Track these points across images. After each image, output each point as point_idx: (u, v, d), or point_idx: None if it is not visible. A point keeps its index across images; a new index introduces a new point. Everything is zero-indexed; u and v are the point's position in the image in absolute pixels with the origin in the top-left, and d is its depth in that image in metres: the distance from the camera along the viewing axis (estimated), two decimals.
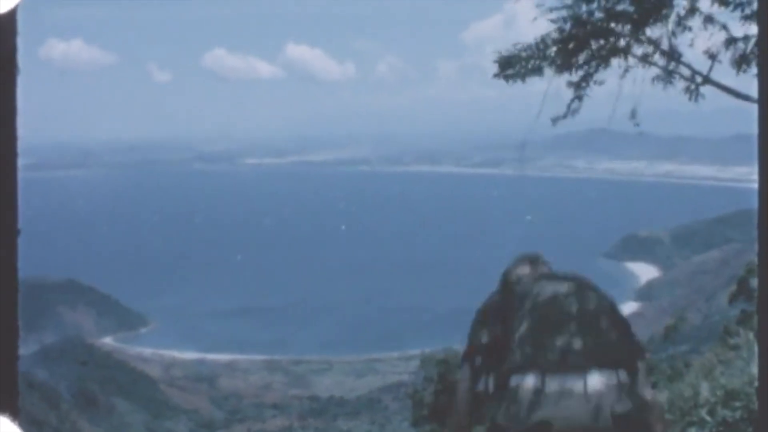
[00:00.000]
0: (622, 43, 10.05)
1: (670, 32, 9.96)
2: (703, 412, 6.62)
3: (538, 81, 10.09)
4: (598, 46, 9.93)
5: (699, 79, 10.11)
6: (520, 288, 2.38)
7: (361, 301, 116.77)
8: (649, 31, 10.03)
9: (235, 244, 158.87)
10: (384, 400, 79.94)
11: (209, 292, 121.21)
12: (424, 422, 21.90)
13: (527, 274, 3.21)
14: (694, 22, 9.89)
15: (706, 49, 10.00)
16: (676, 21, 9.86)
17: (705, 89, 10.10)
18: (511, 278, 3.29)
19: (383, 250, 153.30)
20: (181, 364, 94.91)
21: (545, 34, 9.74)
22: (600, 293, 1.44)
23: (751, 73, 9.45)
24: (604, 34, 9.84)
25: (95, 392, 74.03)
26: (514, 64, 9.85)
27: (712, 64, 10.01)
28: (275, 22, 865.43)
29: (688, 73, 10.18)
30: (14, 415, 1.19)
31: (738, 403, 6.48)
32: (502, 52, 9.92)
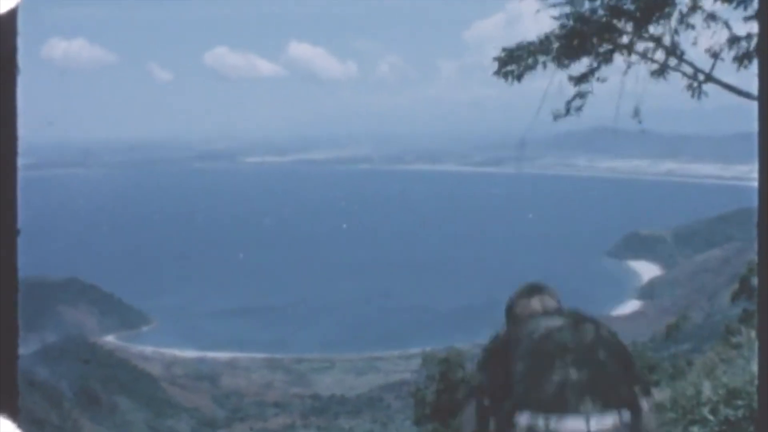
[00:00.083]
0: (625, 40, 10.03)
1: (673, 30, 9.94)
2: (706, 411, 6.60)
3: (540, 80, 10.08)
4: (600, 43, 9.92)
5: (701, 77, 10.08)
6: (522, 324, 2.29)
7: (362, 300, 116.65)
8: (652, 29, 10.00)
9: (236, 243, 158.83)
10: (386, 399, 79.94)
11: (210, 291, 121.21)
12: (426, 421, 21.89)
13: (530, 308, 3.10)
14: (697, 20, 9.86)
15: (709, 47, 9.96)
16: (679, 18, 9.83)
17: (707, 87, 10.07)
18: (513, 312, 3.17)
19: (384, 249, 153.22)
20: (183, 363, 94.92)
21: (548, 31, 9.74)
22: (601, 326, 1.37)
23: (753, 71, 9.41)
24: (607, 31, 9.82)
25: (97, 391, 74.06)
26: (517, 61, 9.84)
27: (715, 62, 9.97)
28: (277, 21, 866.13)
29: (691, 70, 10.15)
30: (14, 415, 1.19)
31: (740, 402, 6.46)
32: (505, 49, 9.92)
